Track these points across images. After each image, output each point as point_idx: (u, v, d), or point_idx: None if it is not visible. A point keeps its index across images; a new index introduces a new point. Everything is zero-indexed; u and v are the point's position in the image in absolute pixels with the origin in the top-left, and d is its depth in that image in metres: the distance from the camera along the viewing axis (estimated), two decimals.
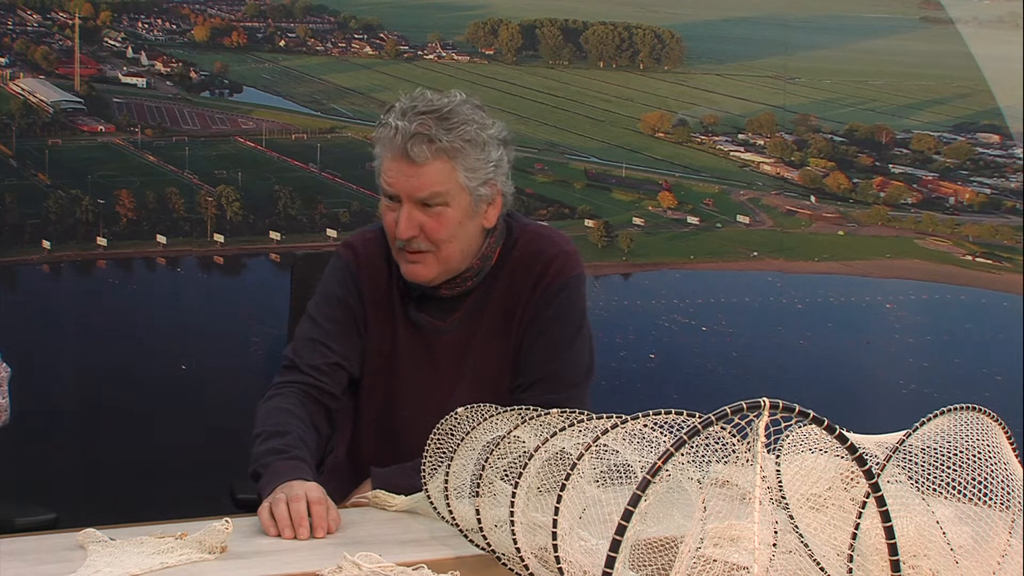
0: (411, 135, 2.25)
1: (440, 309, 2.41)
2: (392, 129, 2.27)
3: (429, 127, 2.25)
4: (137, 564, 1.79)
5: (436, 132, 2.25)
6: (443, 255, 2.33)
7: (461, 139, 2.27)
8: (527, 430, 1.77)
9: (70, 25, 4.67)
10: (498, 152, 2.34)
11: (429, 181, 2.27)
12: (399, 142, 2.26)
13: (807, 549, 1.46)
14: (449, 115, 2.28)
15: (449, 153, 2.27)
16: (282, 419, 2.26)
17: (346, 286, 2.43)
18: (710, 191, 5.21)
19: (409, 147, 2.25)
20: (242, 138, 4.80)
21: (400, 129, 2.26)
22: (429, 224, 2.30)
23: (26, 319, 4.29)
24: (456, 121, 2.28)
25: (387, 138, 2.28)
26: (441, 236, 2.31)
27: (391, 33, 5.14)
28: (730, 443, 1.33)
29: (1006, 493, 1.48)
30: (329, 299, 2.44)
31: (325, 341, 2.39)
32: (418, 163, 2.26)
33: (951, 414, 1.49)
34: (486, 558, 1.79)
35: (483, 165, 2.31)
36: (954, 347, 5.20)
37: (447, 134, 2.26)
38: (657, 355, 4.95)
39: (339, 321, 2.41)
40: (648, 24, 5.40)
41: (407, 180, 2.28)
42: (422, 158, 2.25)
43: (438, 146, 2.26)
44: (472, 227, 2.35)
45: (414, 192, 2.28)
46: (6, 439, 2.55)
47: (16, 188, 4.37)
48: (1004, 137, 5.42)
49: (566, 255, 2.42)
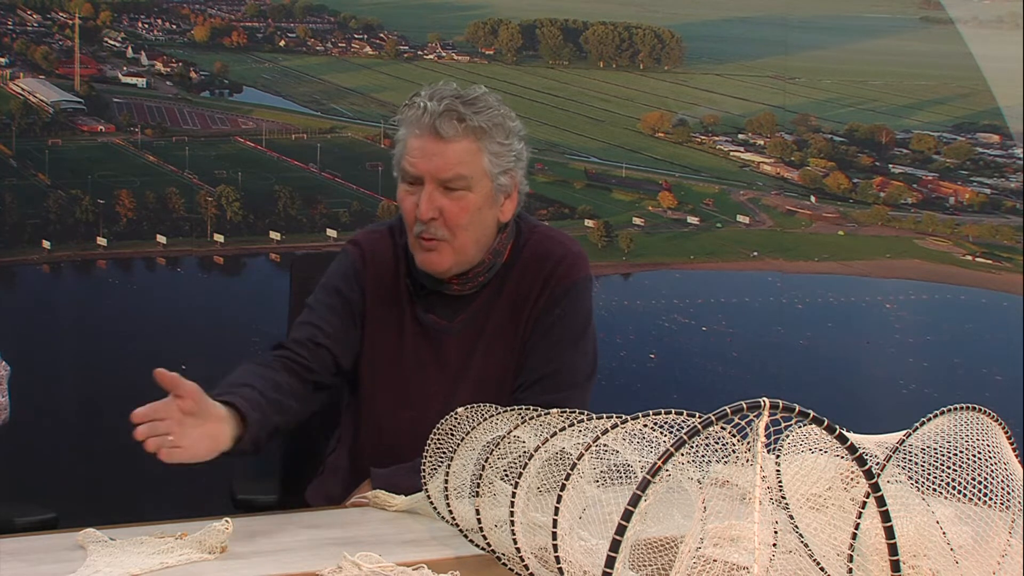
0: (441, 112, 2.27)
1: (448, 308, 2.41)
2: (420, 109, 2.29)
3: (458, 107, 2.28)
4: (137, 564, 1.79)
5: (465, 111, 2.28)
6: (458, 244, 2.32)
7: (489, 121, 2.30)
8: (527, 430, 1.77)
9: (70, 25, 4.67)
10: (520, 145, 2.37)
11: (455, 160, 2.28)
12: (427, 120, 2.28)
13: (807, 549, 1.46)
14: (476, 100, 2.31)
15: (477, 133, 2.29)
16: (235, 376, 2.21)
17: (348, 280, 2.43)
18: (710, 191, 5.21)
19: (439, 123, 2.27)
20: (242, 138, 4.80)
21: (429, 108, 2.28)
22: (449, 208, 2.30)
23: (26, 319, 4.29)
24: (483, 105, 2.31)
25: (414, 118, 2.30)
26: (461, 222, 2.31)
27: (391, 33, 5.14)
28: (730, 443, 1.33)
29: (1006, 493, 1.48)
30: (327, 289, 2.44)
31: (315, 323, 2.39)
32: (446, 139, 2.27)
33: (951, 414, 1.49)
34: (486, 558, 1.79)
35: (507, 152, 2.33)
36: (954, 347, 5.20)
37: (476, 115, 2.29)
38: (657, 355, 4.95)
39: (333, 308, 2.41)
40: (648, 24, 5.40)
41: (432, 159, 2.28)
42: (451, 133, 2.27)
43: (468, 124, 2.28)
44: (489, 217, 2.35)
45: (439, 172, 2.28)
46: (6, 439, 2.56)
47: (16, 188, 4.37)
48: (1004, 137, 5.42)
49: (574, 256, 2.42)
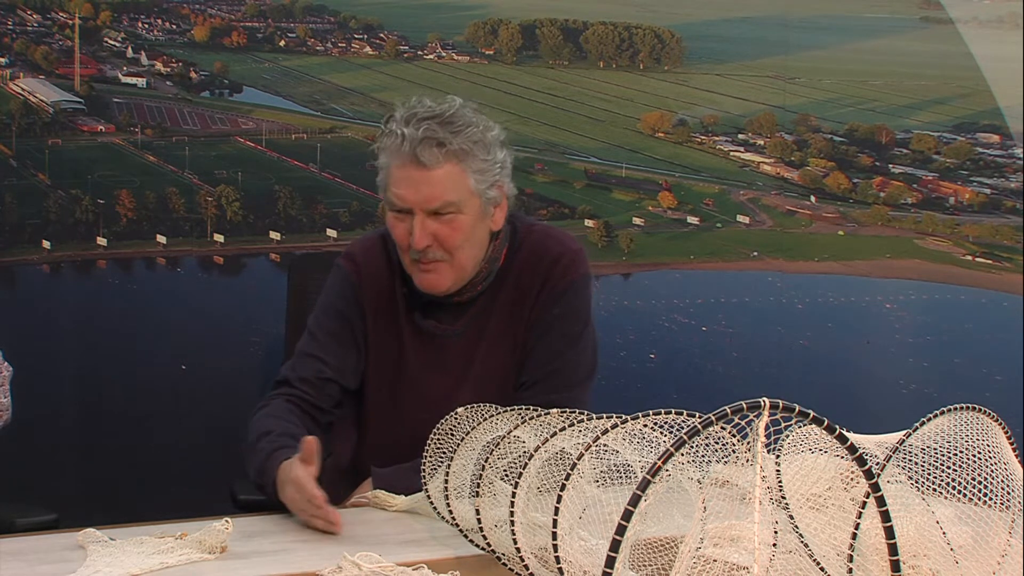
0: (420, 140, 2.22)
1: (448, 313, 2.40)
2: (398, 137, 2.24)
3: (436, 131, 2.23)
4: (137, 564, 1.79)
5: (444, 135, 2.23)
6: (457, 263, 2.32)
7: (469, 141, 2.26)
8: (527, 430, 1.77)
9: (70, 25, 4.67)
10: (502, 153, 2.33)
11: (441, 189, 2.25)
12: (407, 149, 2.23)
13: (807, 549, 1.46)
14: (453, 119, 2.26)
15: (459, 156, 2.25)
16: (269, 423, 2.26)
17: (346, 298, 2.41)
18: (710, 191, 5.21)
19: (419, 152, 2.22)
20: (242, 138, 4.80)
21: (407, 136, 2.23)
22: (443, 232, 2.28)
23: (26, 319, 4.29)
24: (461, 124, 2.26)
25: (394, 147, 2.26)
26: (456, 243, 2.29)
27: (391, 33, 5.14)
28: (730, 443, 1.33)
29: (1006, 493, 1.48)
30: (328, 311, 2.43)
31: (320, 355, 2.38)
32: (429, 167, 2.23)
33: (951, 414, 1.49)
34: (486, 558, 1.79)
35: (491, 167, 2.30)
36: (954, 347, 5.20)
37: (455, 137, 2.24)
38: (657, 355, 4.95)
39: (336, 334, 2.40)
40: (648, 24, 5.40)
41: (418, 189, 2.25)
42: (433, 162, 2.23)
43: (448, 149, 2.24)
44: (482, 231, 2.34)
45: (427, 202, 2.25)
46: (6, 439, 2.55)
47: (16, 188, 4.37)
48: (1004, 137, 5.42)
49: (573, 254, 2.41)
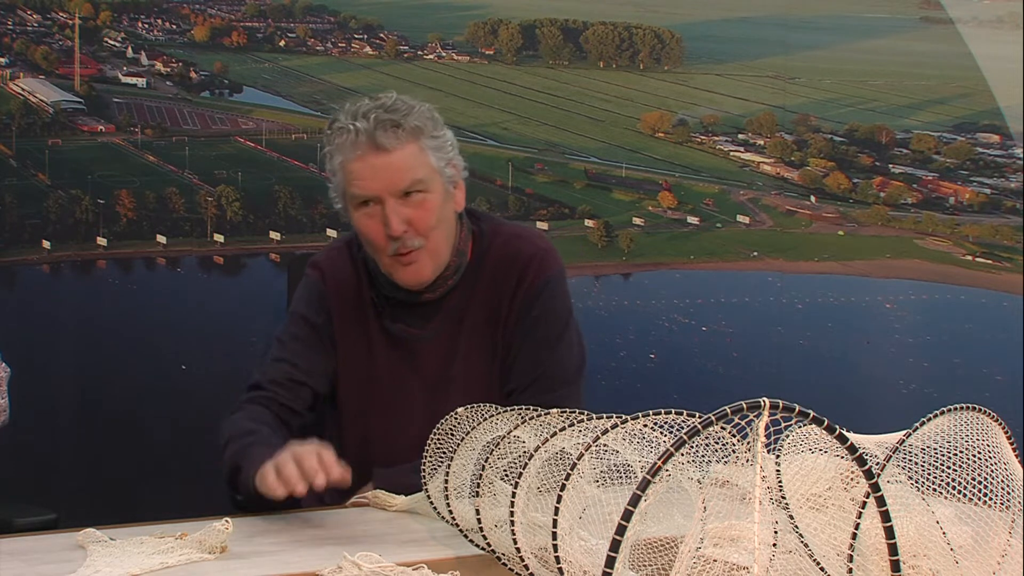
0: (374, 126, 2.24)
1: (417, 316, 2.39)
2: (351, 132, 2.25)
3: (387, 116, 2.25)
4: (137, 564, 1.79)
5: (397, 117, 2.25)
6: (432, 246, 2.31)
7: (420, 118, 2.28)
8: (527, 430, 1.77)
9: (70, 25, 4.67)
10: (448, 132, 2.36)
11: (405, 167, 2.26)
12: (364, 139, 2.24)
13: (807, 549, 1.46)
14: (396, 104, 2.28)
15: (415, 134, 2.26)
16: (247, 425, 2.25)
17: (311, 306, 2.42)
18: (710, 191, 5.21)
19: (377, 137, 2.23)
20: (242, 138, 4.80)
21: (360, 128, 2.24)
22: (415, 215, 2.28)
23: (26, 319, 4.29)
24: (406, 108, 2.28)
25: (348, 142, 2.26)
26: (430, 223, 2.29)
27: (391, 33, 5.14)
28: (730, 443, 1.33)
29: (1006, 493, 1.48)
30: (295, 319, 2.44)
31: (288, 359, 2.38)
32: (390, 150, 2.24)
33: (951, 414, 1.49)
34: (486, 558, 1.79)
35: (444, 143, 2.32)
36: (954, 347, 5.20)
37: (406, 117, 2.26)
38: (657, 355, 4.95)
39: (303, 339, 2.40)
40: (648, 24, 5.40)
41: (383, 174, 2.26)
42: (393, 142, 2.24)
43: (404, 127, 2.25)
44: (449, 211, 2.35)
45: (394, 185, 2.26)
46: (6, 439, 2.56)
47: (16, 188, 4.37)
48: (1004, 137, 5.43)
49: (544, 252, 2.40)
